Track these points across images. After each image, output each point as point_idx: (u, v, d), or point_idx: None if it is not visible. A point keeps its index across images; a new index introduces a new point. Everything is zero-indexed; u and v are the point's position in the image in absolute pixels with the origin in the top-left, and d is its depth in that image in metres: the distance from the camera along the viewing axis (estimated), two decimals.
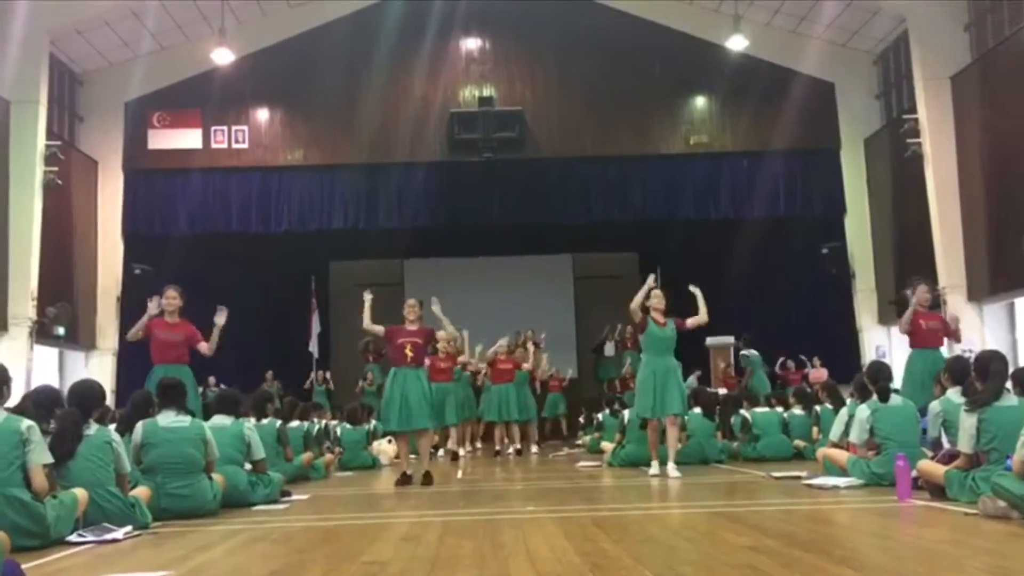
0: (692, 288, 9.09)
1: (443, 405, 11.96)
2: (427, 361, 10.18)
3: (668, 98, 18.63)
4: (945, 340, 9.51)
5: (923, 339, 9.07)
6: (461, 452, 13.56)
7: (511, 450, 13.83)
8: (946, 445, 6.66)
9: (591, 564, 3.91)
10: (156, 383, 6.77)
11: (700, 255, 18.54)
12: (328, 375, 19.38)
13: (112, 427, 6.15)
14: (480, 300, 18.67)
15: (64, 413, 5.60)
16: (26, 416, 5.20)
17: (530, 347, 15.19)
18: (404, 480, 8.65)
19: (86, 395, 5.86)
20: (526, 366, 14.47)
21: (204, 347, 8.63)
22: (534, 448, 14.36)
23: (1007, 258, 14.23)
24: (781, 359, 17.85)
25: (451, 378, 12.74)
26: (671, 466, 8.62)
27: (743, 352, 17.23)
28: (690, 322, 8.92)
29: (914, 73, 16.38)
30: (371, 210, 18.32)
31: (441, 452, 13.42)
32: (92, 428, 5.68)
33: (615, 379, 18.45)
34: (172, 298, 8.69)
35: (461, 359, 13.42)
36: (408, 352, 8.66)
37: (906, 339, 9.37)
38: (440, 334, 10.40)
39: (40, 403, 5.75)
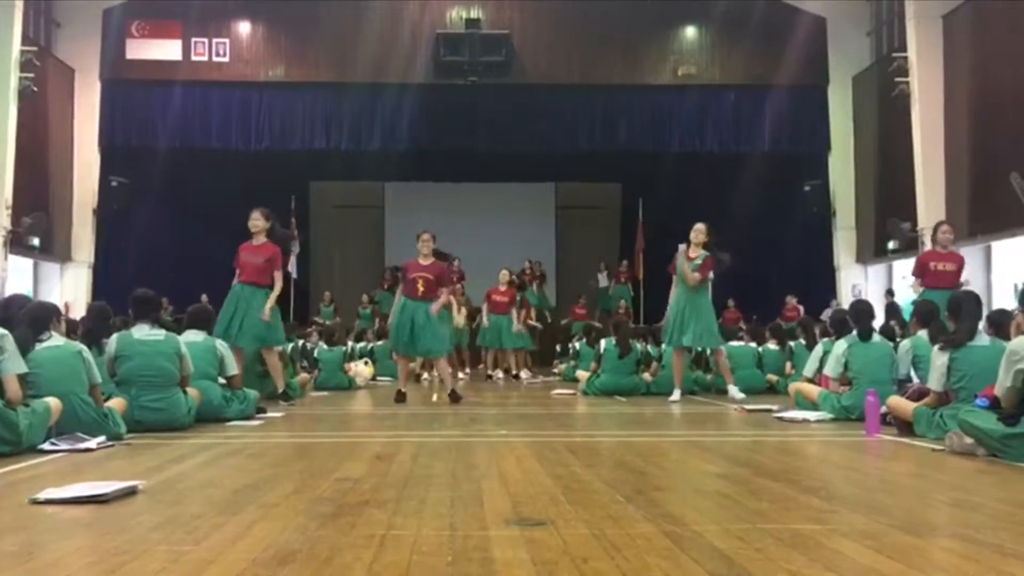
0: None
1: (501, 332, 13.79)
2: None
3: (658, 27, 18.36)
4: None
5: (935, 280, 9.15)
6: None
7: (500, 374, 14.12)
8: (915, 382, 6.75)
9: (562, 487, 3.95)
10: (136, 299, 6.64)
11: (683, 188, 18.46)
12: (331, 295, 19.05)
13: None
14: (461, 226, 18.54)
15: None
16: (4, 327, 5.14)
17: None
18: (400, 398, 8.97)
19: (37, 314, 5.72)
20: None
21: (278, 276, 8.67)
22: (526, 373, 14.48)
23: (987, 201, 14.26)
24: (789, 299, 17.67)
25: (507, 311, 13.83)
26: (731, 389, 9.10)
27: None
28: (710, 273, 9.21)
29: (906, 10, 16.19)
30: (353, 131, 18.06)
31: (500, 373, 14.17)
32: (60, 340, 5.64)
33: (611, 311, 18.46)
34: (256, 219, 8.70)
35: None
36: (420, 287, 8.88)
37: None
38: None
39: (11, 312, 5.68)
